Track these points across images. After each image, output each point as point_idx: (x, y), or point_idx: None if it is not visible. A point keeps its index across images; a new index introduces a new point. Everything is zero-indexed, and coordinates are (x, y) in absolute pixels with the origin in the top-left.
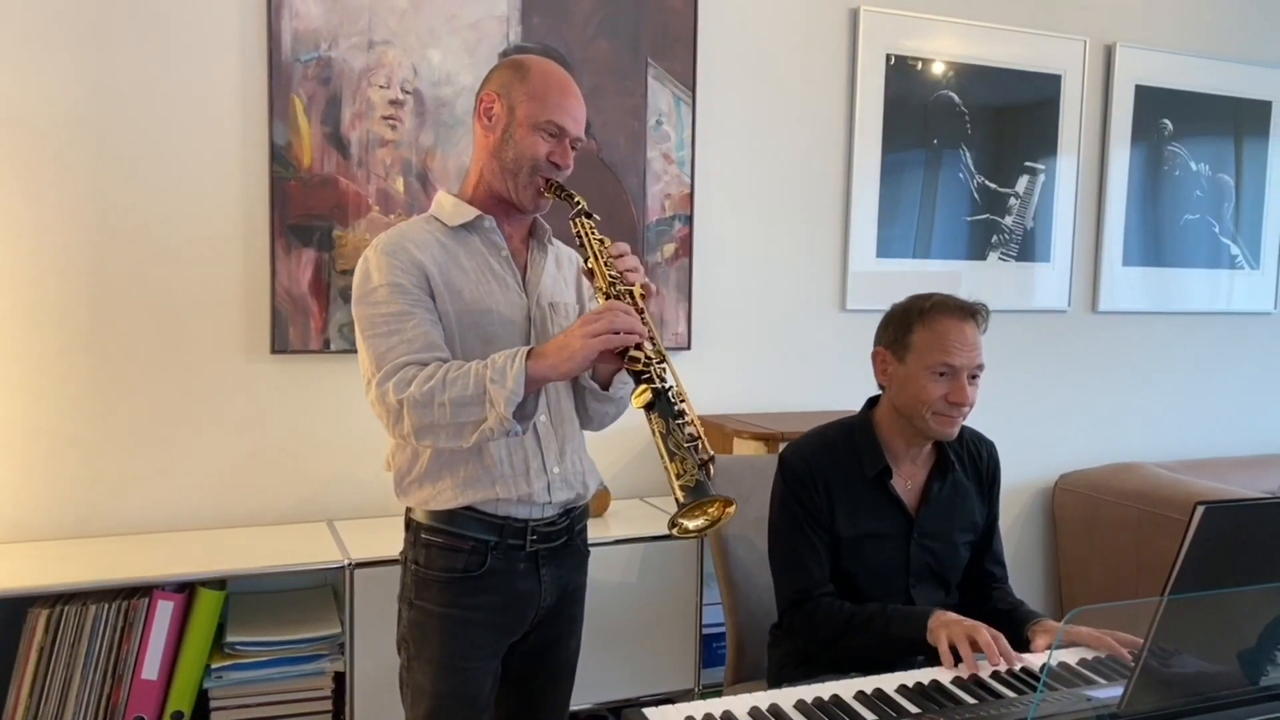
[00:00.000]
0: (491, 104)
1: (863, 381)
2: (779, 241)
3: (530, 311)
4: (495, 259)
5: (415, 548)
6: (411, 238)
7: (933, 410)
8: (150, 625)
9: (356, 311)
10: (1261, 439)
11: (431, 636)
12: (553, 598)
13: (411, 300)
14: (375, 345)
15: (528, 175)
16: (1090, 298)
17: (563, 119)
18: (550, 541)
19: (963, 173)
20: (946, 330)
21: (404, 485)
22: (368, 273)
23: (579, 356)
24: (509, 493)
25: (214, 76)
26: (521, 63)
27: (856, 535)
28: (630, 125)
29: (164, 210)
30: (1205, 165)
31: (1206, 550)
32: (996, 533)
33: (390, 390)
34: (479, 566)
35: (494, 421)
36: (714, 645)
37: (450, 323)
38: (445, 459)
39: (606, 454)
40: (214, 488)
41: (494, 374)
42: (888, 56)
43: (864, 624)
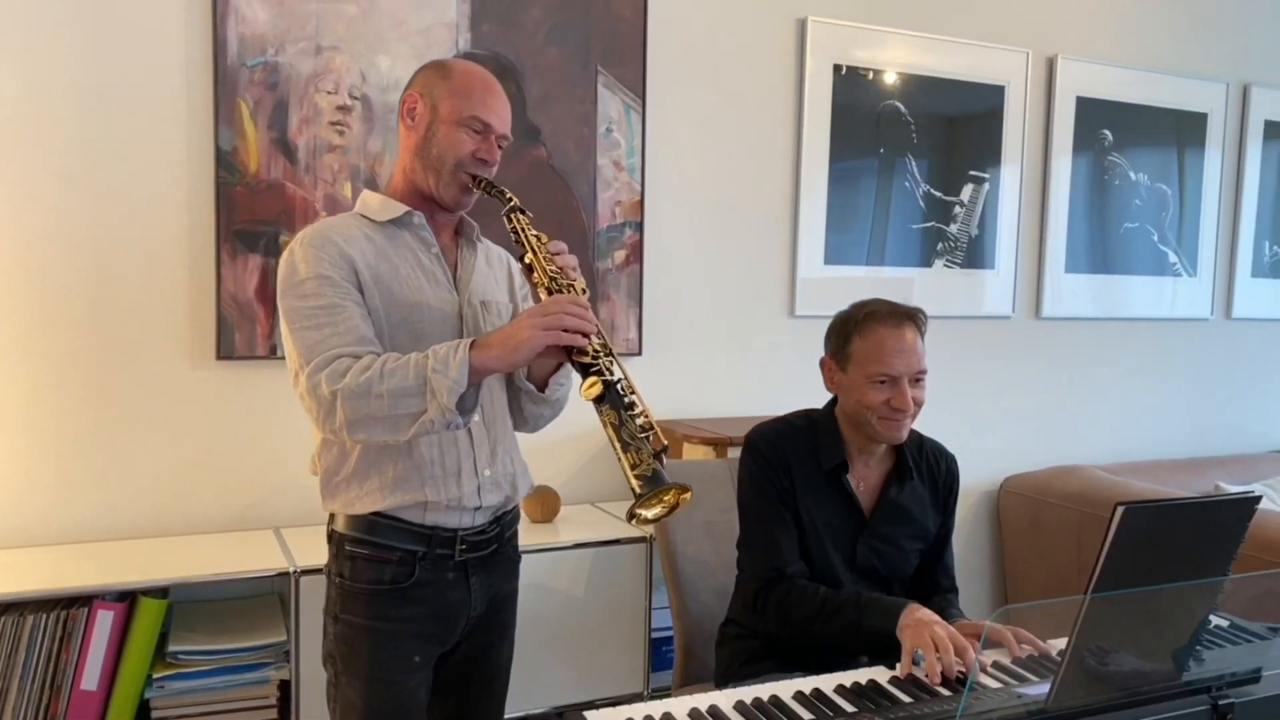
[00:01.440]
0: (414, 103)
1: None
2: (729, 248)
3: (462, 309)
4: (425, 255)
5: (339, 560)
6: (339, 231)
7: (878, 416)
8: (90, 635)
9: (283, 304)
10: (1199, 442)
11: (359, 651)
12: (483, 606)
13: (341, 293)
14: (305, 337)
15: (451, 172)
16: (1034, 304)
17: (486, 114)
18: (480, 550)
19: (909, 181)
20: (883, 339)
21: (331, 486)
22: (294, 265)
23: (526, 348)
24: (438, 495)
25: (158, 81)
26: (444, 63)
27: (811, 521)
28: (580, 132)
29: (107, 216)
30: (1144, 175)
31: (1128, 549)
32: (949, 545)
33: (323, 381)
34: (407, 578)
35: (435, 413)
36: (663, 649)
37: (380, 319)
38: (374, 458)
39: (558, 459)
40: (157, 495)
41: (436, 364)
42: (835, 66)
43: (837, 610)
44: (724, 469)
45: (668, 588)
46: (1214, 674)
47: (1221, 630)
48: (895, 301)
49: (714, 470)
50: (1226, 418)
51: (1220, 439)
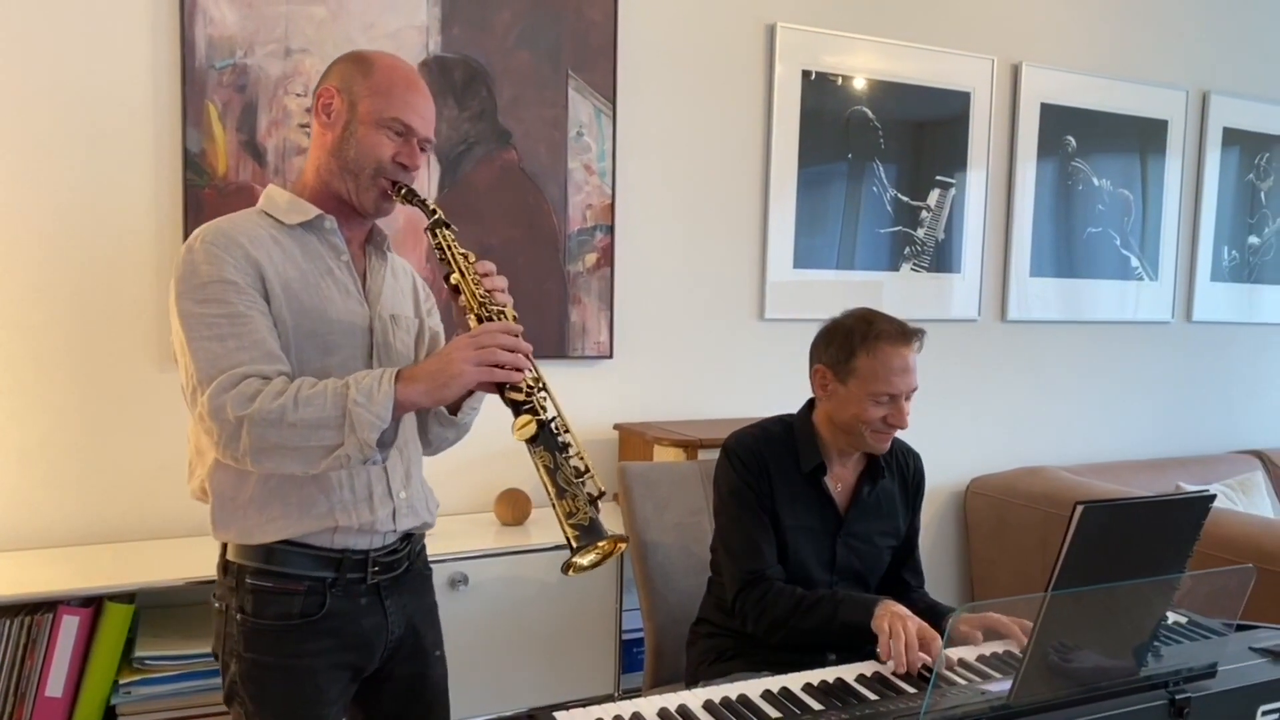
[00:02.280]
0: (330, 99)
1: (781, 389)
2: (699, 252)
3: (372, 322)
4: (335, 263)
5: (239, 594)
6: (244, 231)
7: (872, 430)
8: (55, 641)
9: (180, 308)
10: (1160, 443)
11: (272, 689)
12: (401, 628)
13: (247, 301)
14: (206, 349)
15: (370, 177)
16: (999, 307)
17: (409, 116)
18: (392, 570)
19: (877, 186)
20: (890, 359)
21: (225, 513)
22: (194, 265)
23: (457, 384)
24: (349, 520)
25: (125, 82)
26: (364, 56)
27: (790, 525)
28: (551, 136)
29: (73, 218)
30: (1107, 180)
31: (1087, 548)
32: (916, 542)
33: (229, 404)
34: (318, 609)
35: (352, 448)
36: (634, 650)
37: (286, 329)
38: (275, 483)
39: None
40: (124, 499)
41: (358, 395)
42: (804, 72)
43: (813, 607)
44: (694, 470)
45: (638, 589)
46: (1171, 669)
47: (1178, 626)
48: (898, 319)
49: (684, 472)
50: (1187, 419)
51: (1181, 440)
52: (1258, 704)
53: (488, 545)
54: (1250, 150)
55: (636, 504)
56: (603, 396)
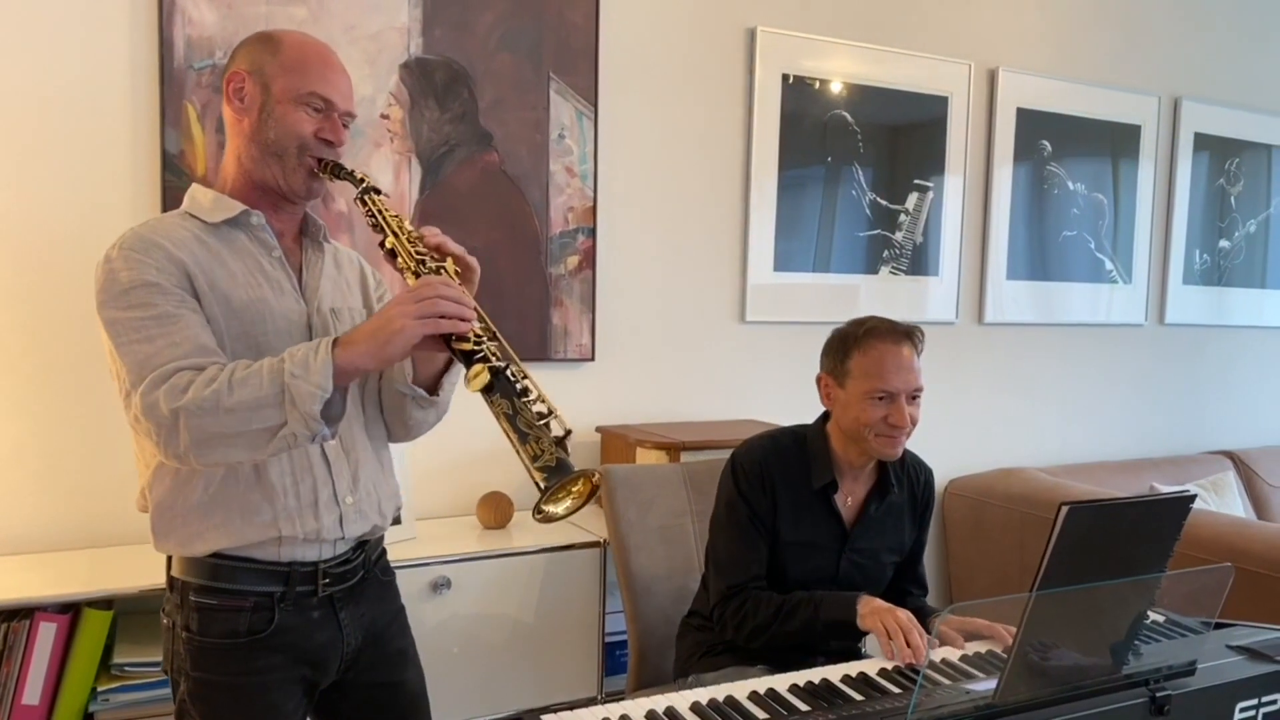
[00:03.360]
0: (241, 83)
1: (762, 392)
2: (681, 254)
3: (310, 318)
4: (266, 259)
5: (184, 611)
6: (165, 234)
7: (875, 432)
8: (31, 648)
9: (105, 316)
10: (1134, 444)
11: (222, 709)
12: (358, 640)
13: (175, 301)
14: (134, 351)
15: (296, 156)
16: (977, 310)
17: (327, 90)
18: (345, 581)
19: (856, 190)
20: (882, 356)
21: (164, 522)
22: (113, 274)
23: (399, 340)
24: (293, 529)
25: (103, 82)
26: (271, 35)
27: (794, 541)
28: (533, 138)
29: (50, 219)
30: (1082, 185)
31: (1071, 548)
32: (920, 556)
33: (161, 399)
34: (266, 625)
35: (297, 424)
36: (617, 653)
37: (219, 331)
38: (216, 489)
39: (510, 464)
40: (102, 504)
41: (294, 368)
42: (784, 76)
43: (794, 609)
44: (677, 473)
45: (621, 592)
46: (1151, 667)
47: (1158, 625)
48: (893, 320)
49: (667, 474)
50: (1160, 420)
51: (1154, 441)
52: (1236, 701)
53: (470, 549)
54: (1220, 155)
55: (619, 506)
56: (585, 399)
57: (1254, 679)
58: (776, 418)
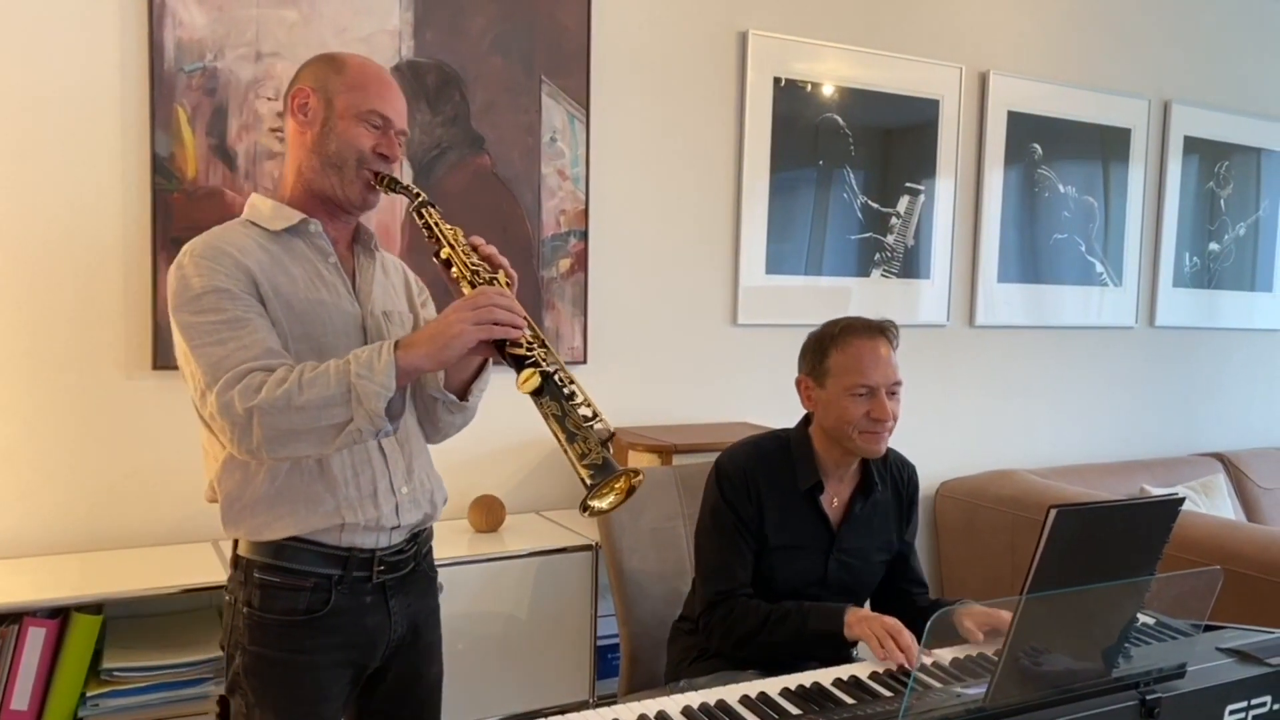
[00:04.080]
0: (306, 99)
1: (754, 394)
2: (672, 257)
3: (365, 321)
4: (323, 265)
5: (247, 588)
6: (231, 242)
7: (858, 429)
8: (20, 653)
9: (179, 320)
10: (1124, 446)
11: (273, 683)
12: (403, 628)
13: (243, 306)
14: (208, 354)
15: (354, 168)
16: (968, 312)
17: (386, 108)
18: (398, 570)
19: (847, 192)
20: (860, 352)
21: (234, 512)
22: (185, 280)
23: (457, 343)
24: (355, 517)
25: (92, 85)
26: (334, 56)
27: (781, 544)
28: (525, 141)
29: (40, 221)
30: (1072, 188)
31: (1060, 551)
32: (914, 553)
33: (236, 398)
34: (323, 605)
35: (363, 421)
36: (609, 656)
37: (282, 332)
38: (282, 481)
39: (502, 468)
40: (91, 507)
41: (359, 369)
42: (776, 79)
43: (780, 620)
44: (669, 476)
45: (613, 595)
46: (1142, 670)
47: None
48: (868, 317)
49: (659, 477)
50: (1150, 422)
51: (1144, 443)
52: (1225, 703)
53: (461, 552)
54: (1210, 159)
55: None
56: None
57: (1244, 681)
58: (769, 420)
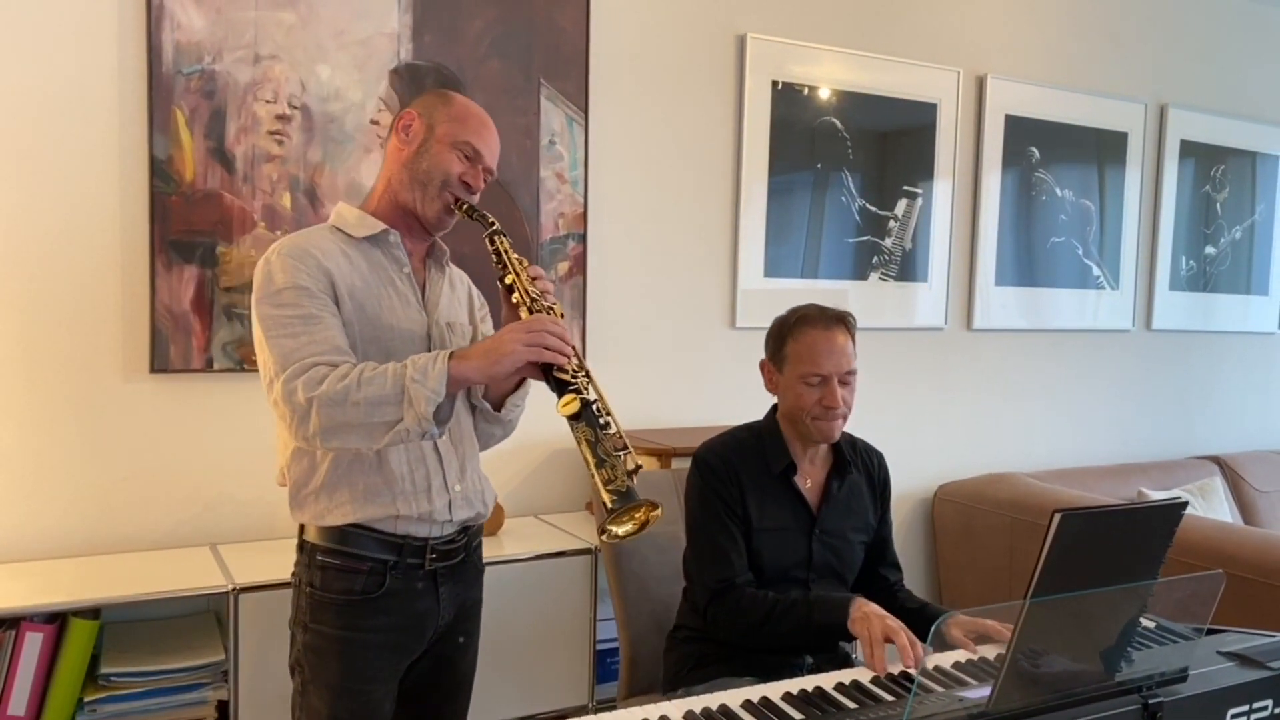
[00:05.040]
0: (411, 121)
1: (753, 397)
2: (671, 261)
3: (430, 330)
4: (398, 275)
5: (310, 569)
6: (316, 244)
7: (810, 415)
8: (17, 659)
9: (259, 311)
10: (1121, 449)
11: (329, 660)
12: (450, 615)
13: (319, 305)
14: (281, 345)
15: (437, 188)
16: (965, 316)
17: (479, 143)
18: (449, 559)
19: (845, 196)
20: (814, 341)
21: (300, 498)
22: (270, 275)
23: (508, 360)
24: (409, 509)
25: (90, 87)
26: (447, 93)
27: (765, 528)
28: (523, 144)
29: (37, 224)
30: (1069, 191)
31: (1064, 554)
32: (889, 538)
33: (299, 388)
34: (377, 588)
35: (411, 422)
36: (608, 660)
37: (352, 333)
38: (344, 471)
39: (500, 472)
40: (89, 511)
41: (414, 373)
42: (774, 82)
43: (786, 611)
44: (669, 480)
45: (613, 599)
46: (1144, 674)
47: (1150, 632)
48: (825, 306)
49: (659, 481)
50: (1147, 425)
51: (1141, 446)
52: (1227, 707)
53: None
54: (1206, 162)
55: None
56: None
57: (1245, 685)
58: None
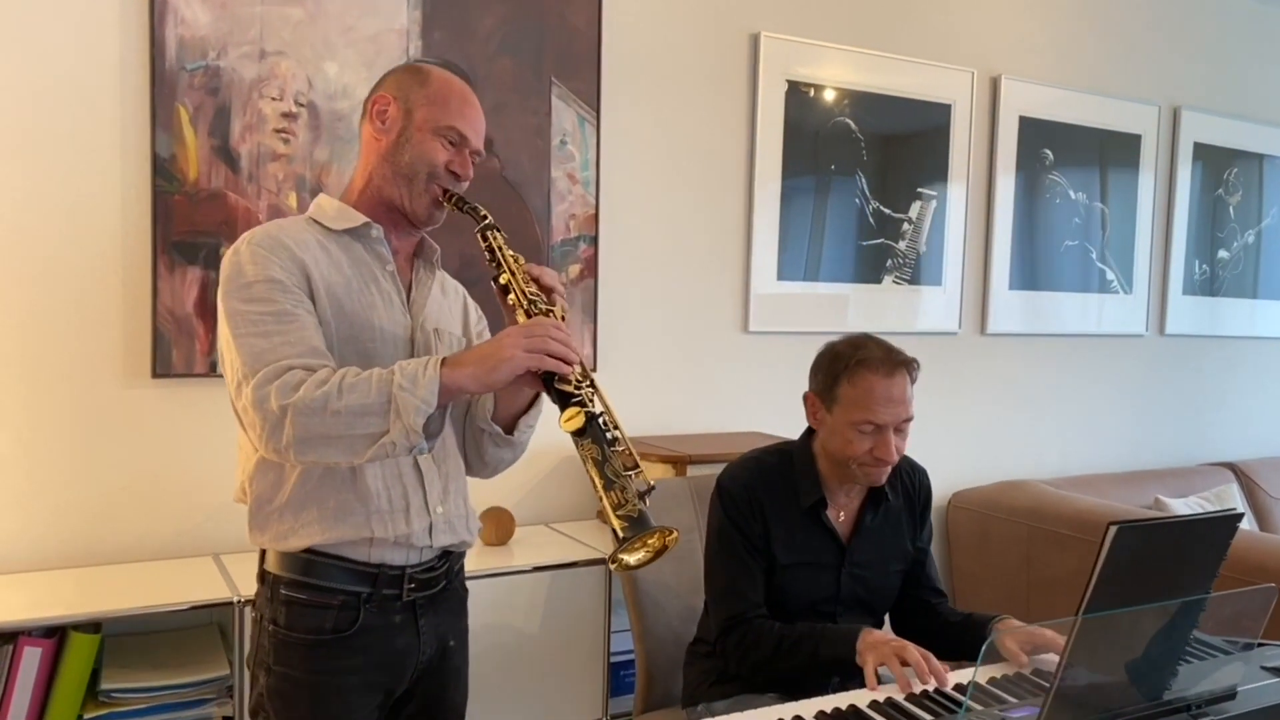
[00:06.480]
0: (386, 105)
1: (765, 403)
2: (683, 263)
3: (414, 334)
4: (380, 272)
5: (272, 605)
6: (291, 235)
7: (859, 463)
8: (15, 674)
9: (226, 306)
10: (1134, 455)
11: (298, 705)
12: (432, 649)
13: (293, 300)
14: (251, 344)
15: (424, 182)
16: (979, 320)
17: (464, 126)
18: (429, 589)
19: (859, 198)
20: (872, 387)
21: (262, 516)
22: (239, 266)
23: (505, 368)
24: (385, 531)
25: (91, 83)
26: (421, 68)
27: (790, 562)
28: (534, 144)
29: (35, 224)
30: (1083, 194)
31: (1118, 568)
32: (930, 561)
33: (272, 394)
34: (350, 624)
35: (397, 434)
36: (622, 673)
37: (328, 334)
38: (313, 486)
39: (510, 479)
40: (88, 521)
41: (402, 380)
42: (787, 82)
43: (795, 645)
44: (684, 488)
45: (629, 611)
46: (1193, 692)
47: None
48: (889, 345)
49: (674, 489)
50: (1160, 431)
51: (1154, 452)
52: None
53: (472, 566)
54: (1219, 165)
55: None
56: None
57: None
58: (779, 430)
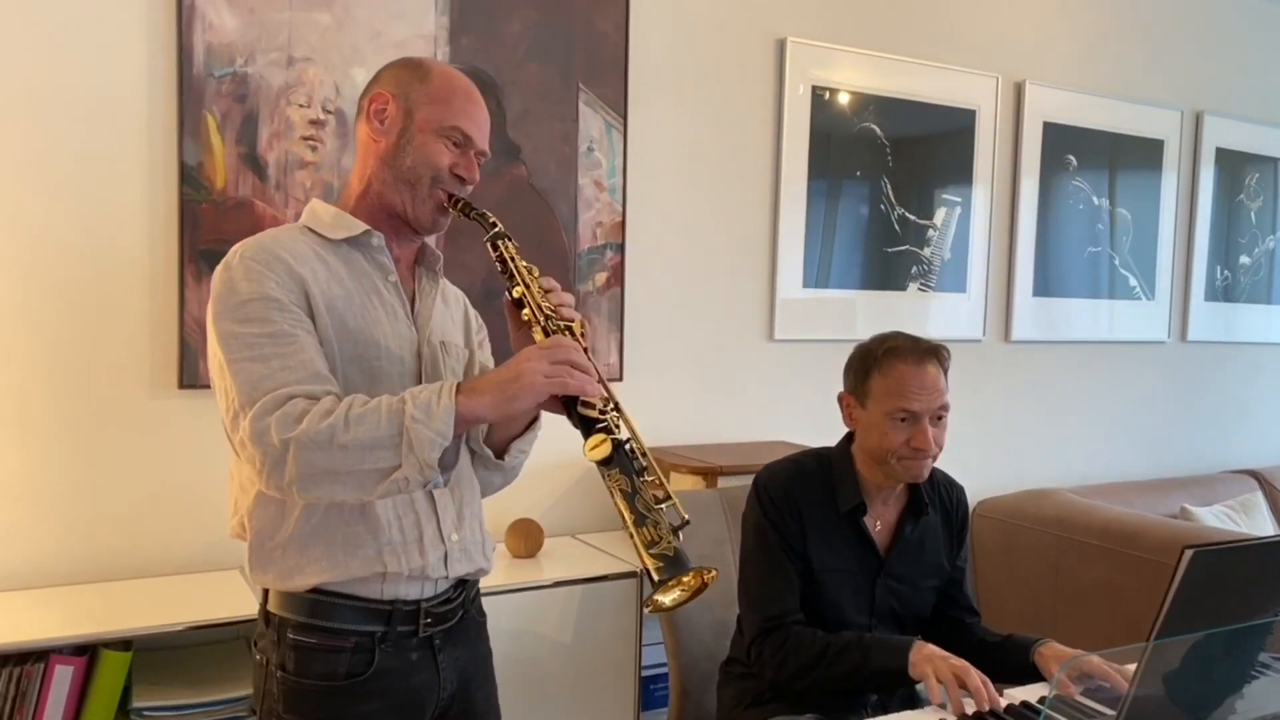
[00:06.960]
0: (384, 104)
1: (790, 412)
2: (709, 270)
3: (421, 348)
4: (383, 283)
5: (280, 649)
6: (287, 247)
7: (898, 456)
8: (46, 693)
9: (219, 328)
10: (1157, 463)
11: None
12: (453, 684)
13: (292, 320)
14: (248, 370)
15: (428, 187)
16: (1003, 327)
17: (469, 126)
18: (445, 622)
19: (884, 204)
20: (903, 376)
21: (264, 553)
22: (232, 284)
23: (527, 394)
24: (398, 565)
25: (119, 90)
26: (420, 63)
27: (826, 569)
28: (561, 151)
29: (62, 233)
30: (1106, 200)
31: (1192, 593)
32: (962, 581)
33: (272, 426)
34: (365, 667)
35: (411, 469)
36: (653, 688)
37: (330, 353)
38: (319, 520)
39: (536, 489)
40: (114, 534)
41: (415, 411)
42: (814, 87)
43: (840, 653)
44: (715, 499)
45: (662, 627)
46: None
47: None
48: (917, 336)
49: (705, 501)
50: (1183, 439)
51: (1177, 460)
52: None
53: (499, 580)
54: (1240, 170)
55: None
56: None
57: None
58: (806, 439)
